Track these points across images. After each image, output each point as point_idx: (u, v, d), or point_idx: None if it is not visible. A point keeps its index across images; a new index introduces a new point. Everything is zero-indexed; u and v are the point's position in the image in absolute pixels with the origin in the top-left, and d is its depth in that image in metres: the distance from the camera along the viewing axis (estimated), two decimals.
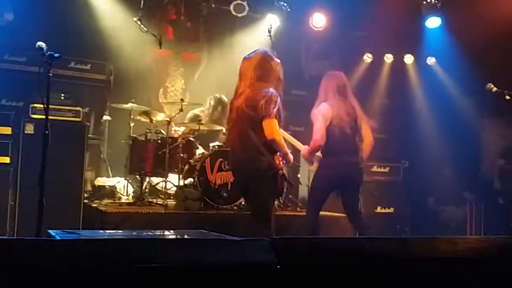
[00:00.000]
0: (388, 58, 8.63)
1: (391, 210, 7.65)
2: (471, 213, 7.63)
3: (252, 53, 4.41)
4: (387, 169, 7.83)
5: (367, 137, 5.11)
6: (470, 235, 7.40)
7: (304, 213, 5.95)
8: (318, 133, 4.88)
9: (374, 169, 7.72)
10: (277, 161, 4.23)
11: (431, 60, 8.59)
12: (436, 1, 7.09)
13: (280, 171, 4.18)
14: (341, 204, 5.22)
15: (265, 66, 4.27)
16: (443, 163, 8.03)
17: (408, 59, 8.66)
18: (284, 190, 4.39)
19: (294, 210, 6.52)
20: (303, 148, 5.19)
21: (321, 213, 5.71)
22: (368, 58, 8.59)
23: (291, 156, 4.37)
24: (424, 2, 7.23)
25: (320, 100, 5.05)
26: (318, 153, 5.10)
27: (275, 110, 4.10)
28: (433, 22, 7.40)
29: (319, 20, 7.70)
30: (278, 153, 4.28)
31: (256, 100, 4.12)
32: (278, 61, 4.37)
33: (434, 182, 7.98)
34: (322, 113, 4.93)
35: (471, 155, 7.85)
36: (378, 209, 7.57)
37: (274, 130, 4.11)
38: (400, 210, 7.70)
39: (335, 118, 4.93)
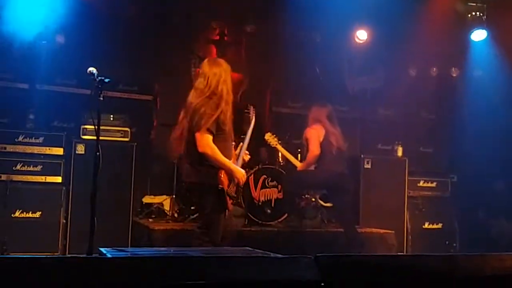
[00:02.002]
0: (434, 71, 8.49)
1: (439, 225, 7.49)
2: None
3: (216, 60, 4.48)
4: (434, 184, 7.69)
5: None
6: None
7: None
8: (315, 146, 5.73)
9: (421, 184, 7.60)
10: (221, 175, 4.07)
11: (477, 73, 8.41)
12: (481, 14, 6.97)
13: (220, 186, 4.05)
14: (385, 220, 5.39)
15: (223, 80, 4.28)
16: (493, 177, 7.82)
17: (454, 72, 8.50)
18: (228, 206, 4.13)
19: (337, 226, 6.47)
20: (300, 165, 5.94)
21: (366, 229, 5.88)
22: (413, 72, 8.47)
23: (240, 174, 4.18)
24: (469, 15, 7.12)
25: (313, 122, 5.90)
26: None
27: (208, 124, 4.03)
28: (478, 35, 7.27)
29: (362, 35, 7.66)
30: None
31: (196, 111, 4.10)
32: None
33: (484, 196, 7.76)
34: (317, 130, 5.80)
35: None
36: (426, 225, 7.43)
37: (204, 143, 4.03)
38: (449, 226, 7.53)
39: (325, 137, 5.78)
